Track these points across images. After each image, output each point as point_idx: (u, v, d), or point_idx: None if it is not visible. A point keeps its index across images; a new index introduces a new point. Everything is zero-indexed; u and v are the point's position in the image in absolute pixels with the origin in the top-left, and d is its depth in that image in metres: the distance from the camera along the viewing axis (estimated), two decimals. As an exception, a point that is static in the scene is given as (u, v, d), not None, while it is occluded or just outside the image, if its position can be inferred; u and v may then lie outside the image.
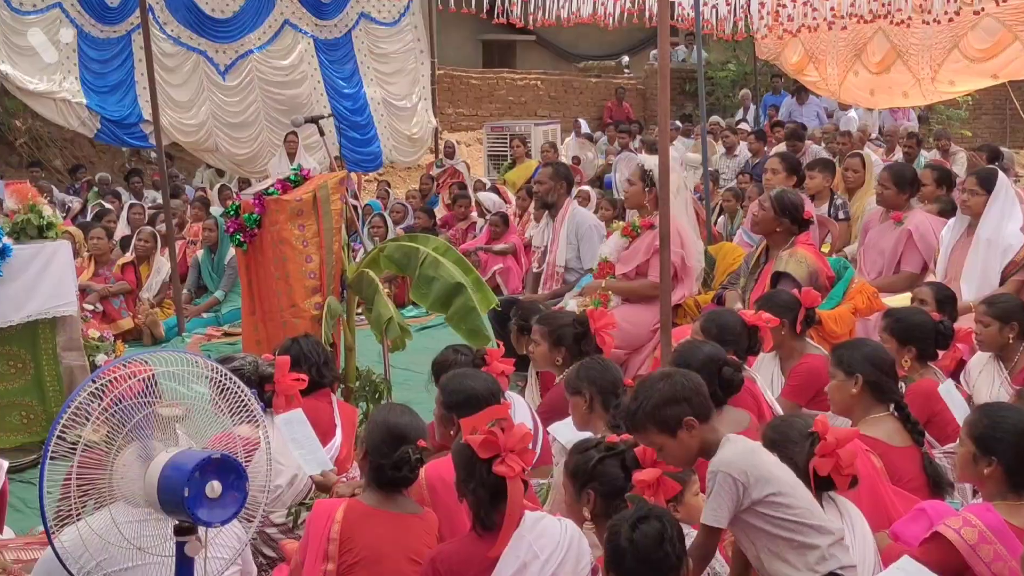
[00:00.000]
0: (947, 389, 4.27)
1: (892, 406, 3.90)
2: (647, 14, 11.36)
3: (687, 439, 2.97)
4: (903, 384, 4.53)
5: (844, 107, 16.35)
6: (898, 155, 12.77)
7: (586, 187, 11.55)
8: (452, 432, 3.51)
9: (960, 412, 4.03)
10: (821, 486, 3.13)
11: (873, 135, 14.92)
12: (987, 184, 6.07)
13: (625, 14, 10.53)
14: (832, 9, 11.91)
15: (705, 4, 11.45)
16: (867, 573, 3.04)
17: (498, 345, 5.04)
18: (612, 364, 4.11)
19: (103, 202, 12.12)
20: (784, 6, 12.25)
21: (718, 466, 2.93)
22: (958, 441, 3.30)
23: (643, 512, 2.72)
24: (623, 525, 2.69)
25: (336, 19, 15.68)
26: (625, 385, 3.92)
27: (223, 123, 14.67)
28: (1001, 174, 6.22)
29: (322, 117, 7.07)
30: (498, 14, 11.11)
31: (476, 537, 3.00)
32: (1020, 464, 3.07)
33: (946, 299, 5.16)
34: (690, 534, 2.95)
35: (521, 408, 4.39)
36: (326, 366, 4.63)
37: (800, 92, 16.71)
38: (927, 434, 4.18)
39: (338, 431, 4.46)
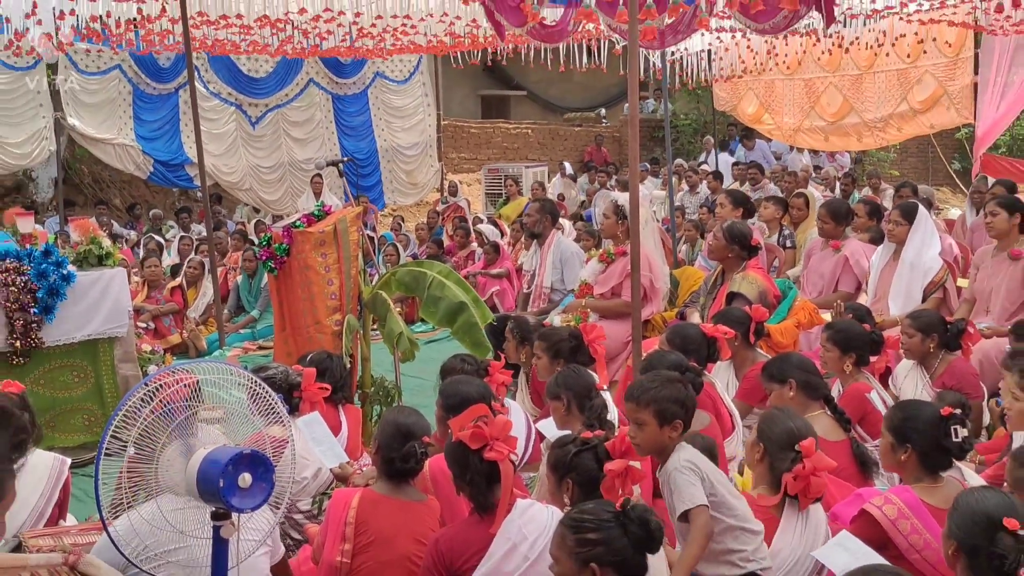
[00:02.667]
0: (873, 397, 4.30)
1: (822, 400, 3.92)
2: (620, 68, 11.45)
3: (666, 434, 2.98)
4: (840, 387, 4.56)
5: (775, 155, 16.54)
6: (837, 191, 12.86)
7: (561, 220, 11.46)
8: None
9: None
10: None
11: (812, 175, 14.99)
12: (909, 216, 6.10)
13: (593, 67, 10.65)
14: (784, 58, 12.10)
15: (673, 57, 11.56)
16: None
17: (497, 356, 5.03)
18: (586, 372, 4.09)
19: (153, 234, 12.16)
20: (742, 60, 12.39)
21: (676, 463, 2.92)
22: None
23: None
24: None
25: (355, 78, 15.76)
26: (598, 389, 3.93)
27: (254, 167, 14.75)
28: (921, 207, 6.25)
29: (342, 161, 7.10)
30: (494, 63, 11.28)
31: (477, 520, 2.98)
32: (931, 450, 3.07)
33: (864, 315, 5.19)
34: None
35: (517, 413, 4.37)
36: (343, 388, 4.64)
37: (748, 138, 16.80)
38: (861, 430, 4.20)
39: (344, 428, 4.47)
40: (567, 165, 17.65)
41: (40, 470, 3.50)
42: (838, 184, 13.10)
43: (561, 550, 2.50)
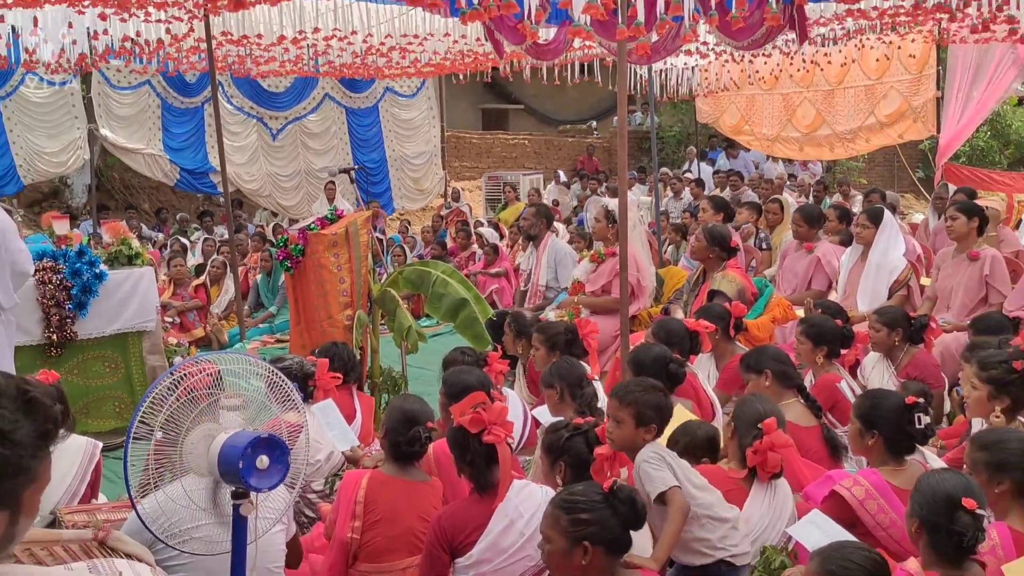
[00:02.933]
0: (843, 386, 4.29)
1: (796, 389, 3.91)
2: (610, 83, 11.46)
3: (640, 435, 2.99)
4: (813, 378, 4.55)
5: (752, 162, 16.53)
6: (810, 198, 12.88)
7: (555, 224, 11.45)
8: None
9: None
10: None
11: (787, 182, 14.97)
12: (875, 220, 6.10)
13: (585, 80, 10.67)
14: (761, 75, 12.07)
15: (661, 70, 11.55)
16: (783, 523, 3.04)
17: (496, 348, 5.02)
18: (578, 363, 4.09)
19: (179, 236, 12.15)
20: (726, 68, 12.38)
21: (644, 455, 2.92)
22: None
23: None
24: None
25: (366, 93, 15.74)
26: (589, 379, 3.92)
27: (273, 175, 14.73)
28: (887, 211, 6.25)
29: (353, 169, 7.09)
30: (493, 79, 11.26)
31: (477, 499, 2.96)
32: (896, 435, 3.07)
33: (836, 312, 5.19)
34: None
35: (514, 401, 4.37)
36: (353, 369, 4.64)
37: (732, 148, 16.77)
38: (831, 417, 4.19)
39: (358, 415, 4.46)
40: (561, 173, 17.65)
41: (74, 452, 3.49)
42: (811, 191, 13.10)
43: (554, 530, 2.47)
